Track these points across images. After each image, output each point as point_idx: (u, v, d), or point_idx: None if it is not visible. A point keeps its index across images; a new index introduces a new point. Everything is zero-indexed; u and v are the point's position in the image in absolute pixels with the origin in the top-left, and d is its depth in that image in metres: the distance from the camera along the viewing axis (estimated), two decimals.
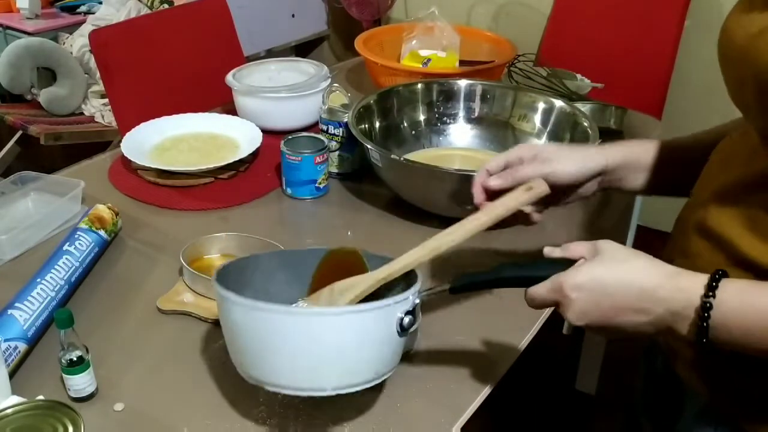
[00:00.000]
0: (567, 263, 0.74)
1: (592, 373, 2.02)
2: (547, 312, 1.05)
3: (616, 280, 0.70)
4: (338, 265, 0.91)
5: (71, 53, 2.78)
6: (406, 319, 0.78)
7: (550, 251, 0.78)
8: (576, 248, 0.75)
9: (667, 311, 0.68)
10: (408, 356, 0.94)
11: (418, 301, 0.80)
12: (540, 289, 0.75)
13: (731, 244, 0.72)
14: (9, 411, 0.75)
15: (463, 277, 0.81)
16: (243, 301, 0.78)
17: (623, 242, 1.89)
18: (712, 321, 0.66)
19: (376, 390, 0.89)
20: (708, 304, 0.66)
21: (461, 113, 1.46)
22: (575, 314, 0.72)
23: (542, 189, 0.86)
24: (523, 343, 0.99)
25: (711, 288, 0.66)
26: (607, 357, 1.99)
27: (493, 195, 0.91)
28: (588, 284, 0.71)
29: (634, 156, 0.93)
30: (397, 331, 0.78)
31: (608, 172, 0.93)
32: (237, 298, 0.78)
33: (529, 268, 0.78)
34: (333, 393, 0.78)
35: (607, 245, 0.73)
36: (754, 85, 0.67)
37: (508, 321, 1.02)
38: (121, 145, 1.38)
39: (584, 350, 2.03)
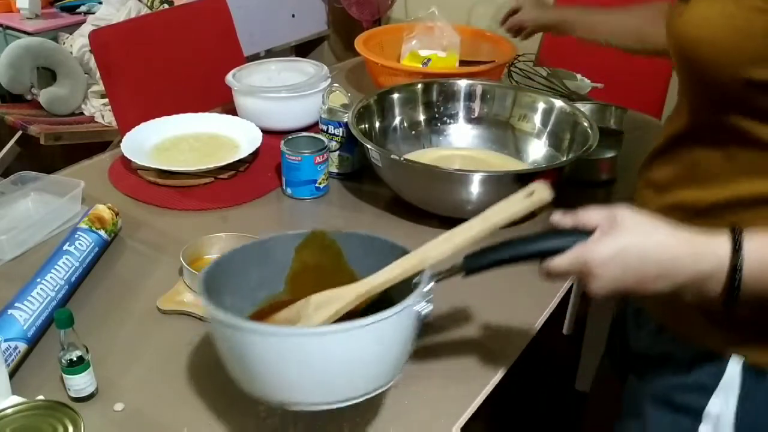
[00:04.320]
0: (583, 232, 0.73)
1: (592, 373, 2.02)
2: (547, 312, 1.05)
3: (640, 252, 0.71)
4: (316, 252, 0.88)
5: (71, 53, 2.78)
6: (425, 309, 0.76)
7: (560, 220, 0.77)
8: (590, 218, 0.74)
9: (694, 277, 0.71)
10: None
11: (432, 285, 0.77)
12: (561, 263, 0.74)
13: (671, 191, 0.83)
14: (9, 411, 0.75)
15: (477, 258, 0.78)
16: (258, 328, 0.73)
17: None
18: (744, 278, 0.69)
19: None
20: (738, 266, 0.69)
21: (461, 113, 1.46)
22: (600, 288, 0.72)
23: (544, 196, 0.79)
24: (523, 343, 0.99)
25: (736, 249, 0.69)
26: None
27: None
28: (613, 259, 0.71)
29: (588, 23, 1.33)
30: (414, 324, 0.76)
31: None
32: (250, 325, 0.73)
33: (546, 241, 0.75)
34: (360, 400, 0.75)
35: (625, 215, 0.73)
36: (674, 55, 0.81)
37: (507, 321, 1.03)
38: (121, 145, 1.38)
39: (584, 350, 2.03)
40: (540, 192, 0.79)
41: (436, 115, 1.46)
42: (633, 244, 0.71)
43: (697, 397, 0.83)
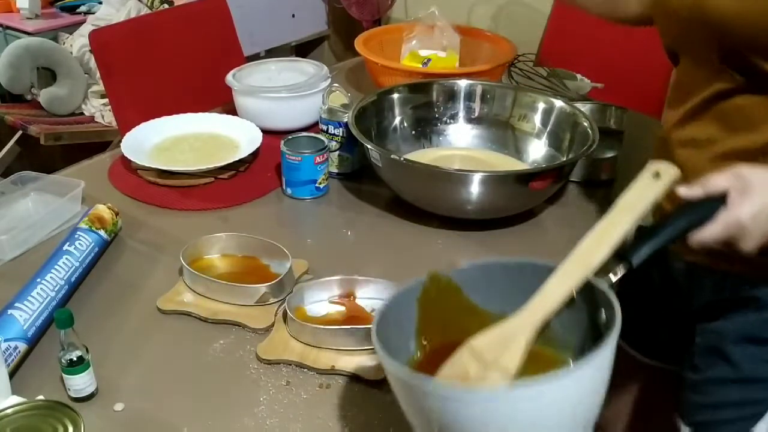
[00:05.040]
0: (716, 199, 0.76)
1: None
2: None
3: None
4: (435, 297, 0.80)
5: (71, 53, 2.78)
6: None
7: (688, 192, 0.78)
8: (717, 182, 0.77)
9: None
10: None
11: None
12: (714, 231, 0.76)
13: (717, 143, 0.88)
14: (9, 411, 0.75)
15: (637, 250, 0.74)
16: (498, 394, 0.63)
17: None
18: None
19: (376, 390, 0.89)
20: None
21: (461, 113, 1.46)
22: (753, 243, 0.77)
23: (673, 173, 0.77)
24: None
25: None
26: None
27: None
28: (762, 212, 0.75)
29: None
30: None
31: None
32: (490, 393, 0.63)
33: (691, 215, 0.76)
34: None
35: (750, 172, 0.77)
36: (704, 32, 0.88)
37: None
38: (121, 145, 1.38)
39: None
40: (667, 172, 0.77)
41: (436, 115, 1.46)
42: None
43: None
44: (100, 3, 2.90)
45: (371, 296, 1.02)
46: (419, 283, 0.80)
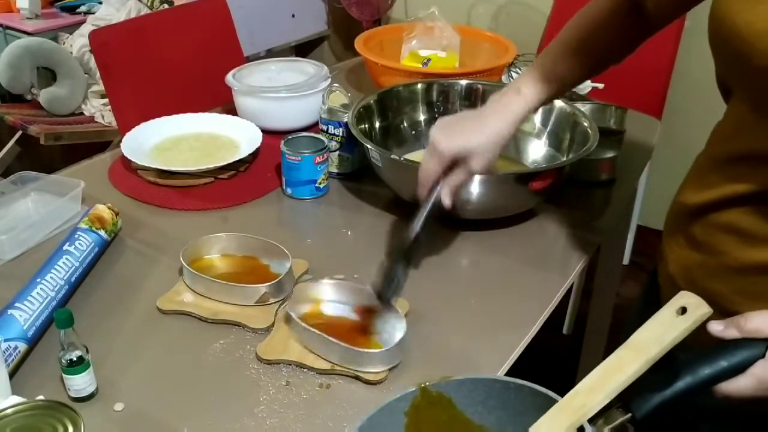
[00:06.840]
0: (754, 343, 0.63)
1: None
2: (547, 312, 1.05)
3: None
4: (426, 410, 0.76)
5: (71, 53, 2.78)
6: None
7: (724, 332, 0.65)
8: (759, 325, 0.63)
9: None
10: (406, 356, 0.94)
11: None
12: (745, 387, 0.63)
13: None
14: (9, 411, 0.75)
15: (646, 400, 0.63)
16: None
17: (623, 242, 1.86)
18: None
19: (376, 390, 0.89)
20: None
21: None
22: None
23: (703, 312, 0.63)
24: (523, 343, 0.99)
25: None
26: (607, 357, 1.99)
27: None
28: None
29: (548, 90, 1.05)
30: None
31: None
32: None
33: (719, 361, 0.63)
34: None
35: None
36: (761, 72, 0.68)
37: (507, 321, 1.03)
38: (121, 145, 1.38)
39: (584, 350, 2.03)
40: (696, 310, 0.63)
41: (436, 115, 1.46)
42: None
43: None
44: (100, 3, 2.90)
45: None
46: (408, 396, 0.75)
